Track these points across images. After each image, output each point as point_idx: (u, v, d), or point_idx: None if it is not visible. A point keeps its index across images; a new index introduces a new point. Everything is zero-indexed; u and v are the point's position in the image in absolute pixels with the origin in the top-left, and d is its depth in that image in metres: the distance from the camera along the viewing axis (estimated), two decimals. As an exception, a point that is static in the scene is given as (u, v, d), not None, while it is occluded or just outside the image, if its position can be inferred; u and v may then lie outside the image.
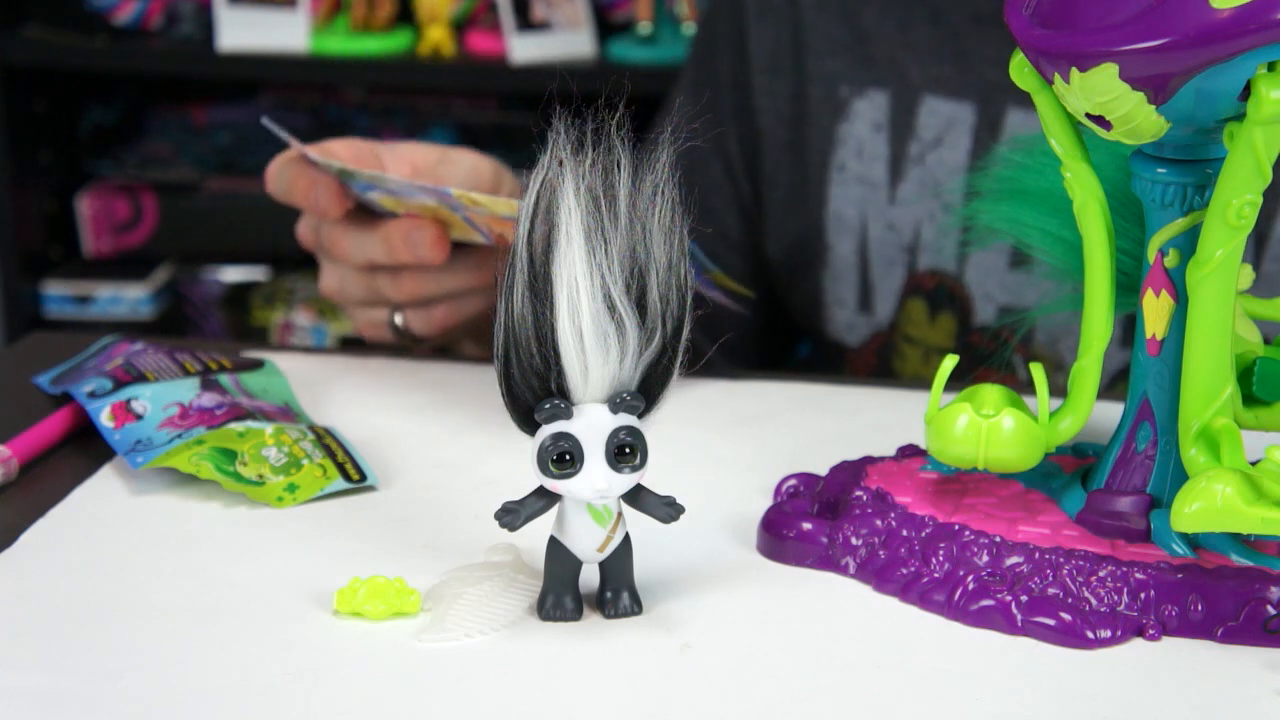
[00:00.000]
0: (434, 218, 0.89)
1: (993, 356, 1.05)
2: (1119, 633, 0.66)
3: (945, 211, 1.07)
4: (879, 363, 1.11)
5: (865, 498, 0.73)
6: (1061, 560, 0.68)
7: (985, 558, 0.69)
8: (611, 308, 0.63)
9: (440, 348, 1.05)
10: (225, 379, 0.85)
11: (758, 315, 1.16)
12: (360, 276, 0.94)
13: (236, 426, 0.79)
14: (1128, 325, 0.97)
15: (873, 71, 1.09)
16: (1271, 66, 0.62)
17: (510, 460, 0.70)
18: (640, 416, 0.65)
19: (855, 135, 1.09)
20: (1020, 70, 0.67)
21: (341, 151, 0.94)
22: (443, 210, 0.88)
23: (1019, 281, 1.05)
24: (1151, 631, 0.66)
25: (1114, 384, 1.00)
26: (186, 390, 0.83)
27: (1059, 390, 0.74)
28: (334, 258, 0.95)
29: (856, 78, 1.09)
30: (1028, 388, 0.71)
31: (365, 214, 0.93)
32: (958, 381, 0.73)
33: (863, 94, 1.09)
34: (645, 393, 0.65)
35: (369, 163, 0.94)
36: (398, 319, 0.96)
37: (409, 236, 0.89)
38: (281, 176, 0.93)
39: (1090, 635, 0.66)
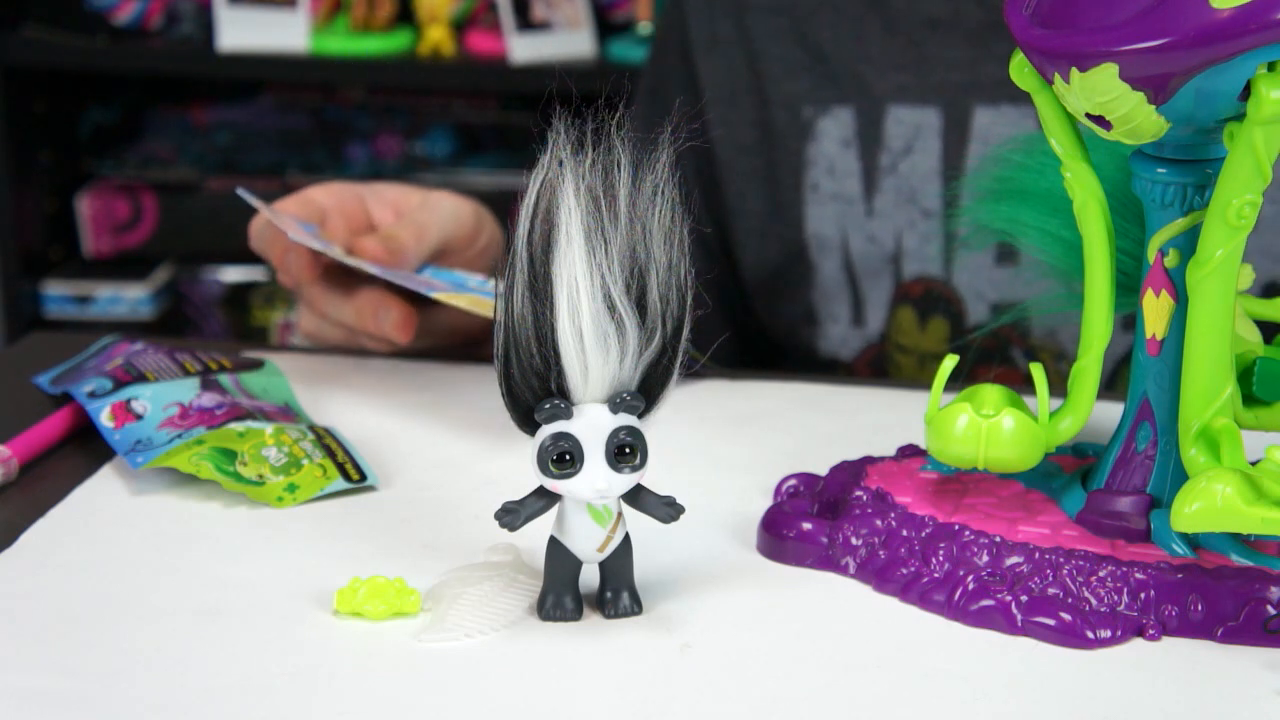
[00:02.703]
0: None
1: (992, 352, 1.05)
2: (1119, 633, 0.66)
3: (924, 218, 1.07)
4: (873, 375, 1.11)
5: (865, 498, 0.73)
6: (1061, 560, 0.68)
7: (985, 558, 0.69)
8: (611, 308, 0.63)
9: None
10: (225, 379, 0.85)
11: (731, 342, 1.16)
12: (337, 328, 0.97)
13: (236, 426, 0.79)
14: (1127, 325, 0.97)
15: (834, 89, 1.09)
16: (1271, 66, 0.62)
17: (510, 460, 0.70)
18: (640, 416, 0.65)
19: (824, 154, 1.09)
20: (1020, 70, 0.67)
21: (323, 197, 0.95)
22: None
23: (1008, 277, 1.05)
24: (1151, 631, 0.66)
25: (1113, 383, 1.00)
26: (186, 390, 0.83)
27: (1062, 380, 0.74)
28: (311, 310, 0.97)
29: (818, 97, 1.10)
30: (1028, 386, 0.71)
31: (343, 272, 0.94)
32: (960, 380, 0.73)
33: (827, 112, 1.09)
34: (645, 393, 0.65)
35: (350, 206, 0.96)
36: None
37: (378, 313, 0.91)
38: (261, 236, 0.95)
39: (1090, 635, 0.66)
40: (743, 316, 1.16)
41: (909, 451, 0.78)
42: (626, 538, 0.67)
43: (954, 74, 1.07)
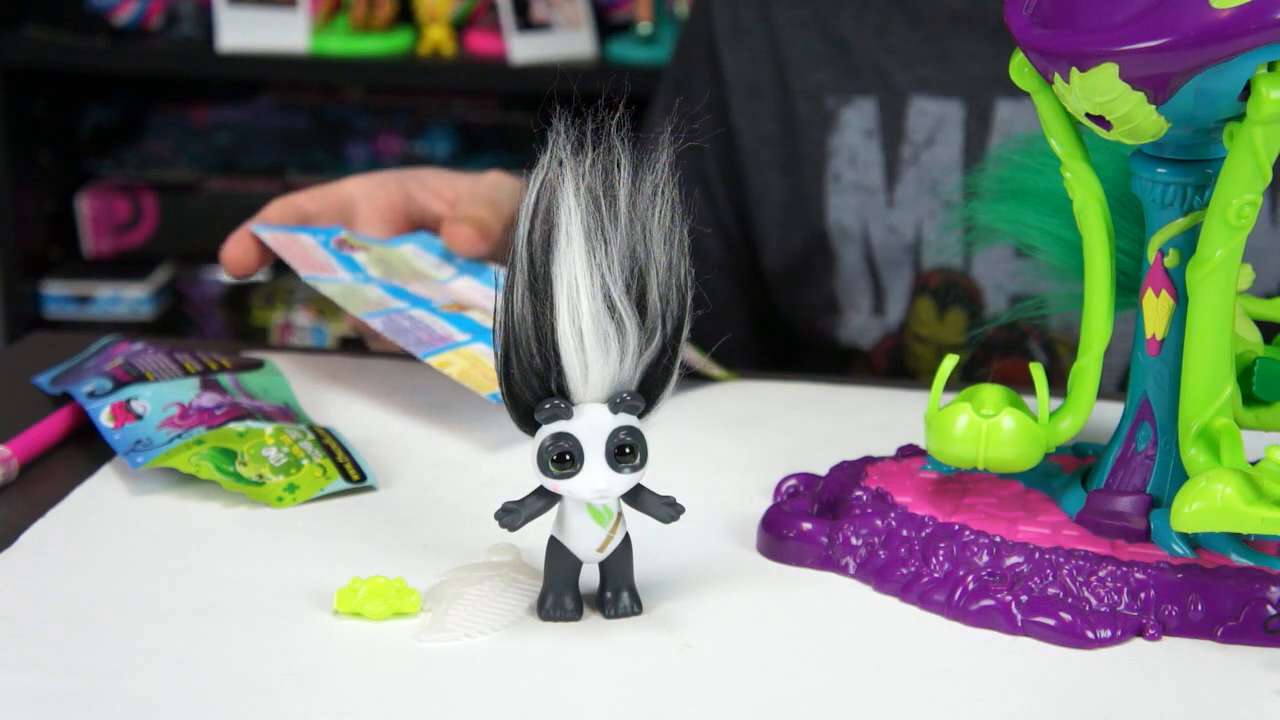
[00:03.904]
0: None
1: (1009, 345, 1.05)
2: (1119, 633, 0.66)
3: (945, 209, 1.07)
4: (890, 364, 1.11)
5: (865, 498, 0.73)
6: (1061, 560, 0.68)
7: (985, 558, 0.69)
8: (611, 308, 0.63)
9: None
10: (225, 379, 0.85)
11: (751, 331, 1.16)
12: None
13: (236, 426, 0.79)
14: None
15: (857, 80, 1.10)
16: (1271, 66, 0.62)
17: (510, 460, 0.70)
18: (640, 416, 0.65)
19: (847, 144, 1.10)
20: (1020, 70, 0.67)
21: (353, 187, 0.97)
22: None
23: (1028, 269, 1.05)
24: (1151, 631, 0.66)
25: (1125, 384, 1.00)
26: (186, 390, 0.83)
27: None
28: None
29: (841, 87, 1.10)
30: (1028, 386, 0.71)
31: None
32: (978, 371, 0.73)
33: (849, 103, 1.10)
34: (645, 393, 0.65)
35: (384, 196, 0.96)
36: None
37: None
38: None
39: (1090, 635, 0.66)
40: (763, 306, 1.17)
41: (909, 451, 0.78)
42: (626, 538, 0.67)
43: (977, 67, 1.07)
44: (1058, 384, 0.73)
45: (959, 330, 1.08)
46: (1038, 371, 0.71)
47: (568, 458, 0.64)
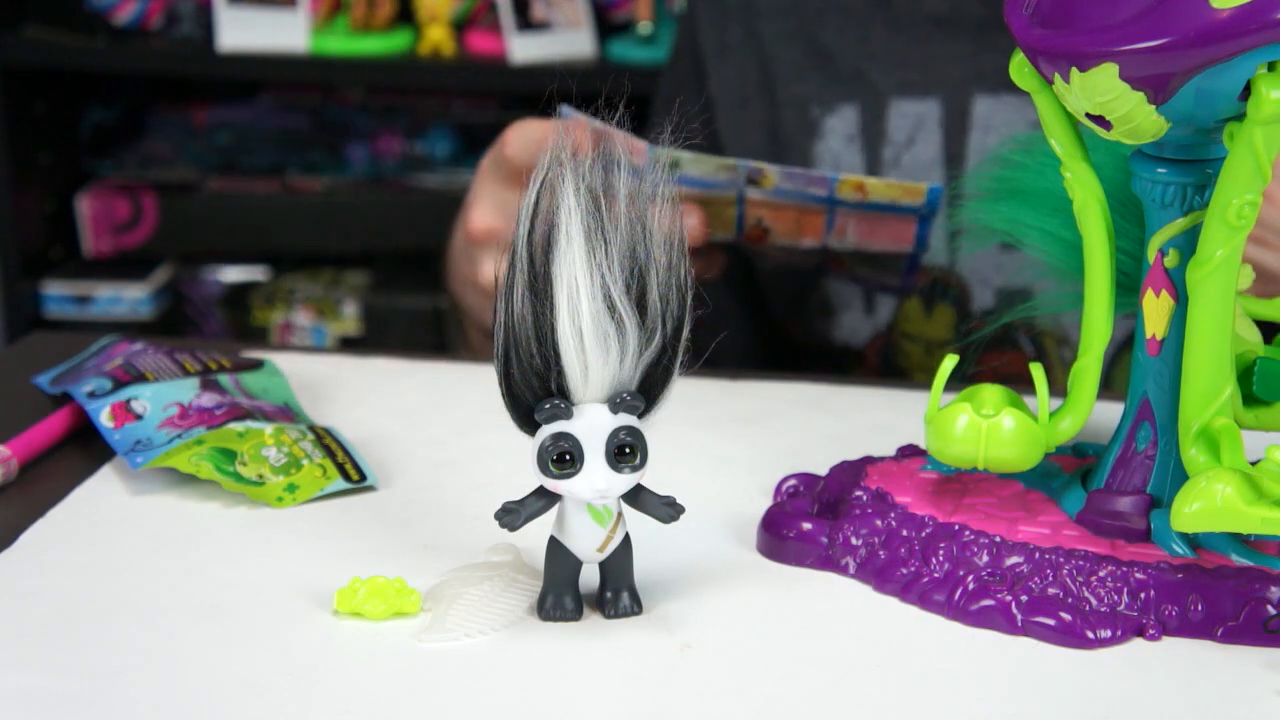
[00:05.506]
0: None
1: (996, 338, 1.05)
2: (1119, 633, 0.66)
3: None
4: (882, 361, 1.11)
5: (865, 498, 0.73)
6: (1061, 560, 0.68)
7: (985, 558, 0.69)
8: (611, 308, 0.63)
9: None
10: (225, 379, 0.85)
11: (744, 335, 1.17)
12: None
13: (236, 426, 0.79)
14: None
15: (840, 87, 1.10)
16: (1271, 66, 0.62)
17: (510, 460, 0.70)
18: (640, 416, 0.65)
19: (830, 150, 1.10)
20: (1020, 70, 0.67)
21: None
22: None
23: (1013, 262, 1.06)
24: (1151, 631, 0.66)
25: (1110, 377, 1.00)
26: (186, 390, 0.83)
27: (1066, 368, 0.73)
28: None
29: (825, 96, 1.11)
30: (1028, 386, 0.71)
31: None
32: (968, 369, 0.73)
33: (833, 110, 1.10)
34: (645, 393, 0.65)
35: None
36: None
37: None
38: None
39: (1090, 635, 0.66)
40: (759, 312, 1.17)
41: (909, 451, 0.78)
42: (626, 538, 0.67)
43: (955, 69, 1.08)
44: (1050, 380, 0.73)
45: (947, 326, 1.08)
46: (1037, 371, 0.71)
47: (568, 458, 0.64)
